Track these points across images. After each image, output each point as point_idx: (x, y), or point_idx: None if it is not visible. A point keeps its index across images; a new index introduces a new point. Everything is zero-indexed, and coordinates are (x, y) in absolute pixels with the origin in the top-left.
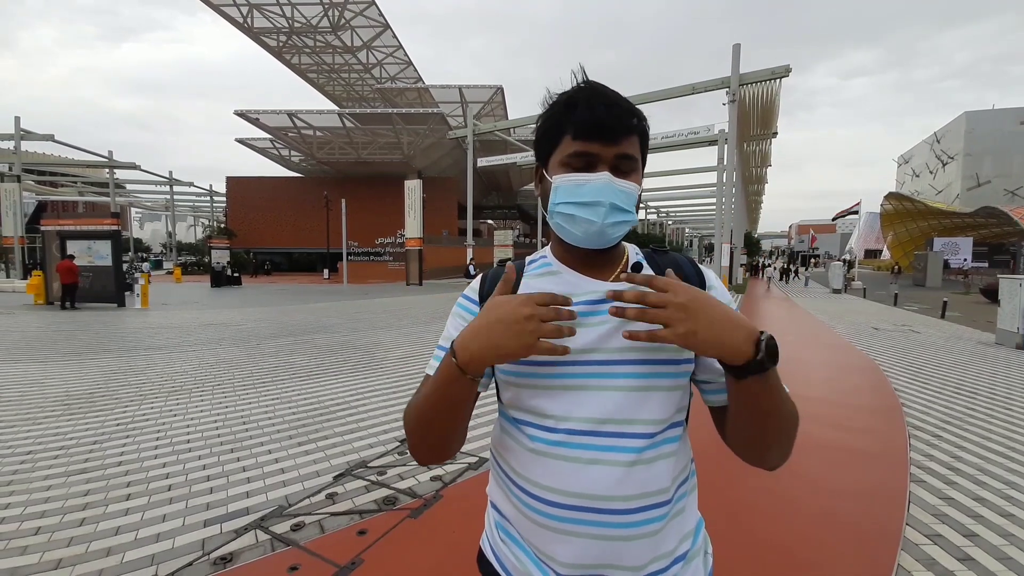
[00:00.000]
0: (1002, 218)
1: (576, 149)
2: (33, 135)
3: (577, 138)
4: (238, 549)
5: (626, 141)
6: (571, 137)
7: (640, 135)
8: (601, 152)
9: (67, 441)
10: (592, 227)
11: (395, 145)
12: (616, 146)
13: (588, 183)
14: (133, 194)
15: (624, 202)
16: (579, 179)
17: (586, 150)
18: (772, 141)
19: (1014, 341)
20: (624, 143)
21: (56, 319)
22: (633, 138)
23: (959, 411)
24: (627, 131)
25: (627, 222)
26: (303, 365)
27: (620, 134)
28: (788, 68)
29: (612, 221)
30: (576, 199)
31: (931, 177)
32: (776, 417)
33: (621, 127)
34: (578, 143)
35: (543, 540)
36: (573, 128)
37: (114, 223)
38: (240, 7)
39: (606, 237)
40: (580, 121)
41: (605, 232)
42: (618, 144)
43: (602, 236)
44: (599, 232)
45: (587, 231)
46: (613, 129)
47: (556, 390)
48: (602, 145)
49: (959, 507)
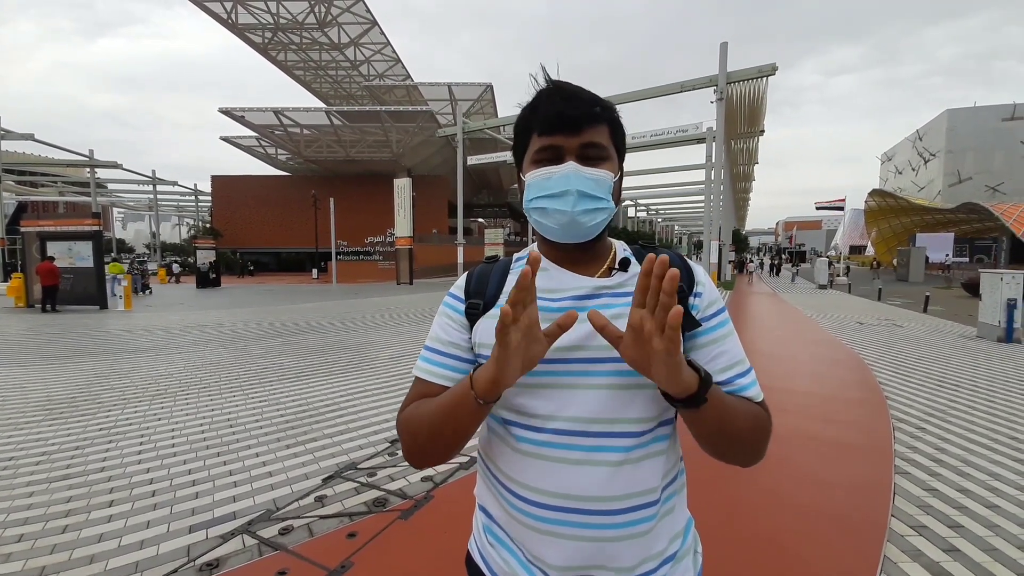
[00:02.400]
0: (983, 214)
1: (542, 144)
2: (13, 134)
3: (542, 134)
4: (225, 555)
5: (590, 130)
6: (537, 134)
7: (609, 124)
8: (565, 143)
9: (49, 447)
10: (564, 217)
11: (384, 143)
12: (579, 136)
13: (554, 174)
14: (115, 194)
15: (593, 189)
16: (547, 172)
17: (551, 143)
18: (759, 138)
19: (995, 334)
20: (588, 132)
21: (37, 322)
22: (600, 127)
23: (942, 403)
24: (590, 120)
25: (601, 209)
26: (291, 366)
27: (583, 124)
28: (775, 66)
29: (583, 208)
30: (546, 191)
31: (913, 174)
32: (725, 435)
33: (583, 117)
34: (543, 138)
35: (532, 542)
36: (538, 126)
37: (96, 224)
38: (224, 2)
39: (581, 227)
40: (543, 117)
41: (578, 221)
42: (581, 134)
43: (576, 226)
44: (571, 222)
45: (560, 222)
46: (574, 119)
47: (541, 388)
48: (565, 136)
49: (944, 498)
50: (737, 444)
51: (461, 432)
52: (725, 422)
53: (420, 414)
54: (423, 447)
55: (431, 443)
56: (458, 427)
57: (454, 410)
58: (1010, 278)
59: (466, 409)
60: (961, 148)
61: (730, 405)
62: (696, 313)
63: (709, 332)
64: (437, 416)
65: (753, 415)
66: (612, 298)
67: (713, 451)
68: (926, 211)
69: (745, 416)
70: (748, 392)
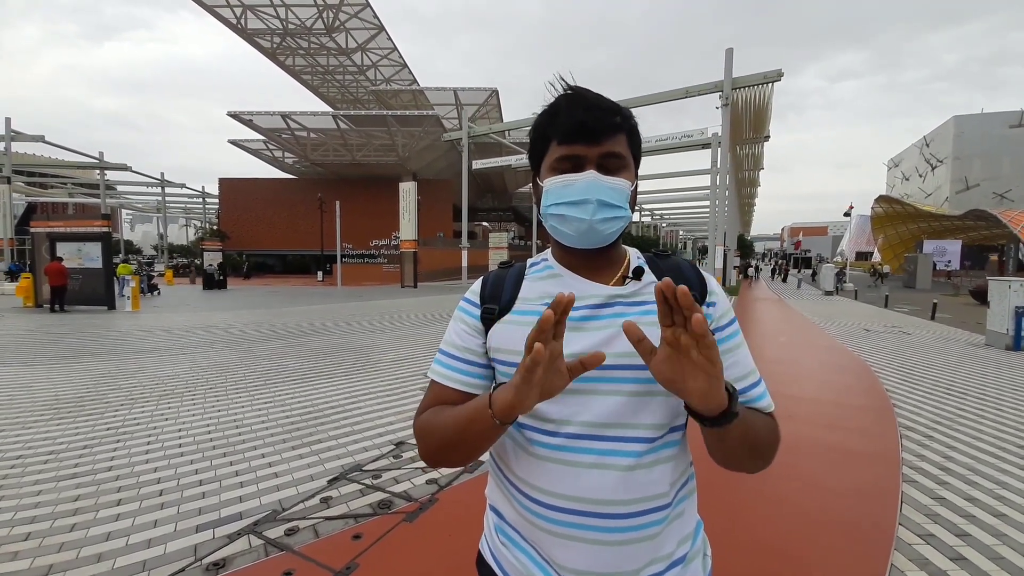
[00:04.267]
0: (991, 221)
1: (562, 153)
2: (23, 136)
3: (562, 142)
4: (231, 555)
5: (610, 140)
6: (557, 142)
7: (628, 133)
8: (586, 153)
9: (57, 446)
10: (582, 224)
11: (390, 147)
12: (600, 146)
13: (575, 182)
14: (124, 195)
15: (612, 198)
16: (566, 179)
17: (571, 152)
18: (764, 144)
19: (1003, 342)
20: (608, 142)
21: (45, 322)
22: (619, 136)
23: (950, 411)
24: (611, 130)
25: (618, 218)
26: (297, 368)
27: (603, 134)
28: (780, 72)
29: (602, 217)
30: (565, 199)
31: (921, 180)
32: (745, 449)
33: (603, 127)
34: (563, 147)
35: (545, 544)
36: (558, 134)
37: (104, 225)
38: (234, 8)
39: (598, 234)
40: (563, 126)
41: (596, 229)
42: (601, 144)
43: (594, 233)
44: (590, 229)
45: (578, 229)
46: (595, 130)
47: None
48: (586, 146)
49: (951, 507)
50: (753, 456)
51: (475, 447)
52: (748, 437)
53: (436, 423)
54: (436, 455)
55: (444, 452)
56: (473, 442)
57: (470, 426)
58: (1019, 286)
59: (482, 426)
60: (968, 155)
61: (751, 419)
62: (709, 322)
63: (723, 342)
64: (452, 429)
65: (769, 428)
66: (626, 307)
67: (725, 462)
68: (933, 217)
69: (762, 428)
70: (760, 403)
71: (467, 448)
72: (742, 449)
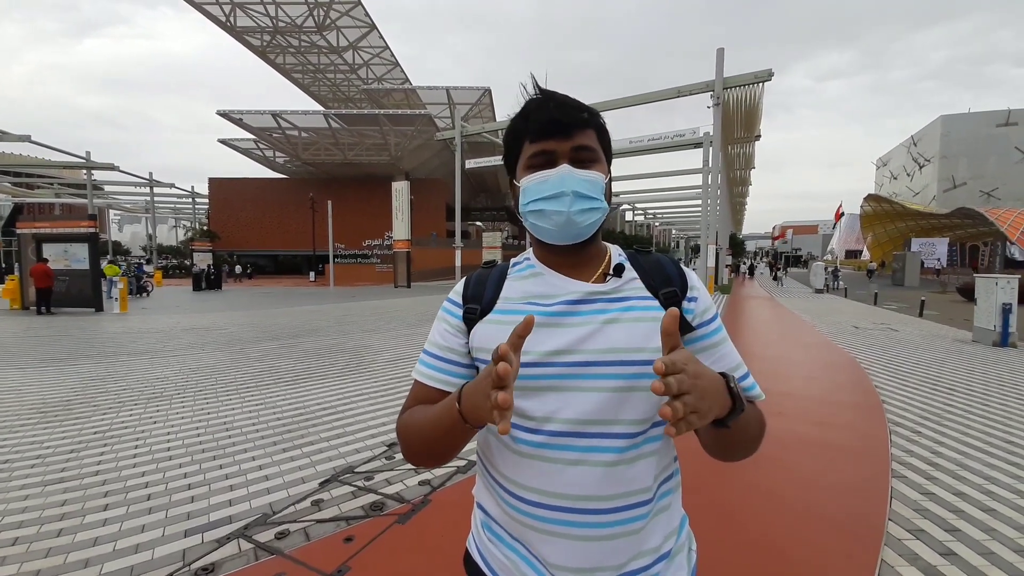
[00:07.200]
0: (977, 219)
1: (535, 149)
2: (9, 136)
3: (535, 140)
4: (220, 559)
5: (580, 134)
6: (529, 141)
7: (596, 129)
8: (558, 148)
9: (44, 450)
10: (560, 217)
11: (382, 146)
12: (571, 139)
13: (550, 177)
14: (112, 196)
15: (588, 190)
16: (542, 175)
17: (543, 148)
18: (755, 143)
19: (990, 339)
20: (578, 136)
21: (32, 324)
22: (588, 131)
23: (938, 407)
24: (579, 125)
25: (595, 209)
26: (288, 369)
27: (573, 128)
28: (771, 72)
29: (579, 208)
30: (542, 194)
31: (908, 179)
32: (742, 441)
33: (573, 122)
34: (536, 144)
35: (530, 540)
36: (529, 132)
37: (91, 225)
38: (223, 5)
39: (577, 227)
40: (534, 124)
41: (574, 220)
42: (572, 138)
43: (572, 225)
44: (568, 221)
45: (556, 222)
46: (565, 125)
47: (537, 391)
48: (557, 141)
49: (940, 502)
50: (747, 446)
51: (451, 445)
52: (748, 429)
53: (414, 422)
54: (417, 454)
55: (424, 450)
56: (447, 440)
57: (441, 422)
58: (1005, 283)
59: (451, 422)
60: (955, 153)
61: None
62: (691, 317)
63: (708, 337)
64: (427, 428)
65: (757, 417)
66: (607, 303)
67: (719, 454)
68: (921, 216)
69: (753, 419)
70: (752, 392)
71: (442, 447)
72: (739, 441)
